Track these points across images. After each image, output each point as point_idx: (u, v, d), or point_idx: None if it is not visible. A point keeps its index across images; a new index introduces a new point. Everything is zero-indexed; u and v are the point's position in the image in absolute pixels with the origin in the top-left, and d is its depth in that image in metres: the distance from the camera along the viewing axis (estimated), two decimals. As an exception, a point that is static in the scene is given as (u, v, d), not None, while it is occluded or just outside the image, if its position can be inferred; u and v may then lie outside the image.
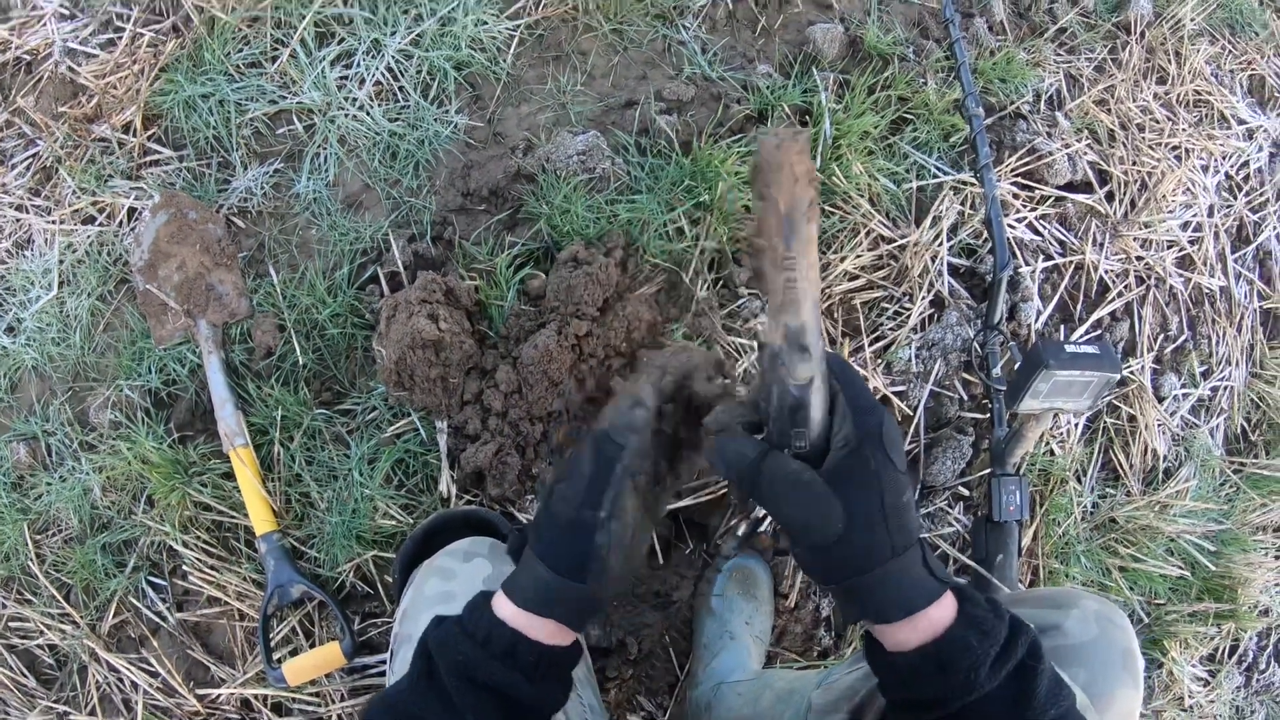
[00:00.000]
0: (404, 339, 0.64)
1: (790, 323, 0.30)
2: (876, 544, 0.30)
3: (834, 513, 0.30)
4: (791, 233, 0.29)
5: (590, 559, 0.32)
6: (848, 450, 0.30)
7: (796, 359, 0.30)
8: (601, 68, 0.80)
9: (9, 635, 0.75)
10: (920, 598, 0.30)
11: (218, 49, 0.79)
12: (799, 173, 0.28)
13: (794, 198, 0.28)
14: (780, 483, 0.30)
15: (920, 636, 0.30)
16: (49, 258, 0.80)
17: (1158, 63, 1.01)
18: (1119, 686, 0.41)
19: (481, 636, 0.32)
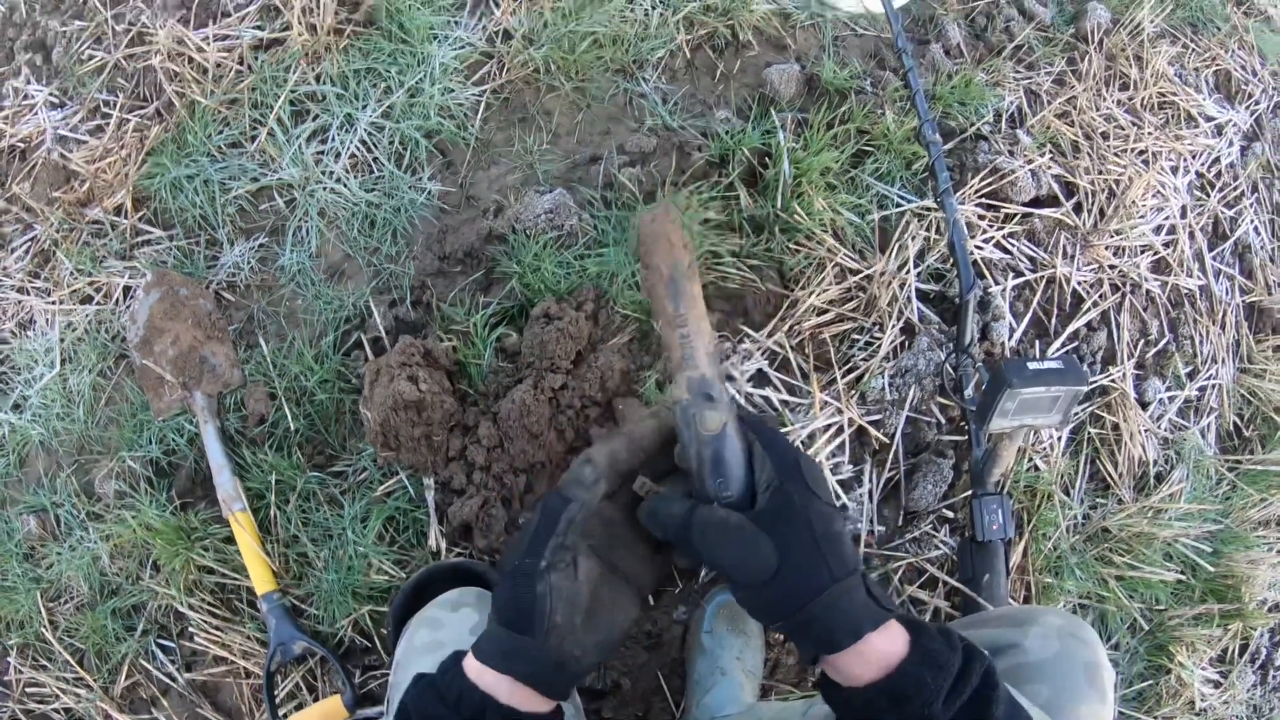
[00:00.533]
0: (386, 401, 0.67)
1: (691, 375, 0.32)
2: (813, 574, 0.30)
3: (765, 550, 0.31)
4: (677, 293, 0.32)
5: (532, 611, 0.32)
6: (771, 490, 0.32)
7: (704, 409, 0.32)
8: (566, 126, 0.83)
9: (26, 700, 0.78)
10: (866, 621, 0.30)
11: (200, 131, 0.83)
12: (674, 240, 0.32)
13: (674, 262, 0.32)
14: (710, 530, 0.32)
15: (873, 671, 0.30)
16: (50, 337, 0.84)
17: (1119, 69, 1.02)
18: (1082, 702, 0.41)
19: (453, 698, 0.32)
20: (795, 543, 0.31)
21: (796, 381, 0.76)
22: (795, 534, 0.31)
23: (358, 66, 0.82)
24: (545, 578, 0.32)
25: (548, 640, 0.32)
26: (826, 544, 0.31)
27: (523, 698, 0.32)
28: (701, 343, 0.32)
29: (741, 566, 0.31)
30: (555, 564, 0.32)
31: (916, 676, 0.30)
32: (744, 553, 0.31)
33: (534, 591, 0.32)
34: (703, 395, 0.32)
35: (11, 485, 0.82)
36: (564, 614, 0.32)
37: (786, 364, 0.77)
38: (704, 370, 0.32)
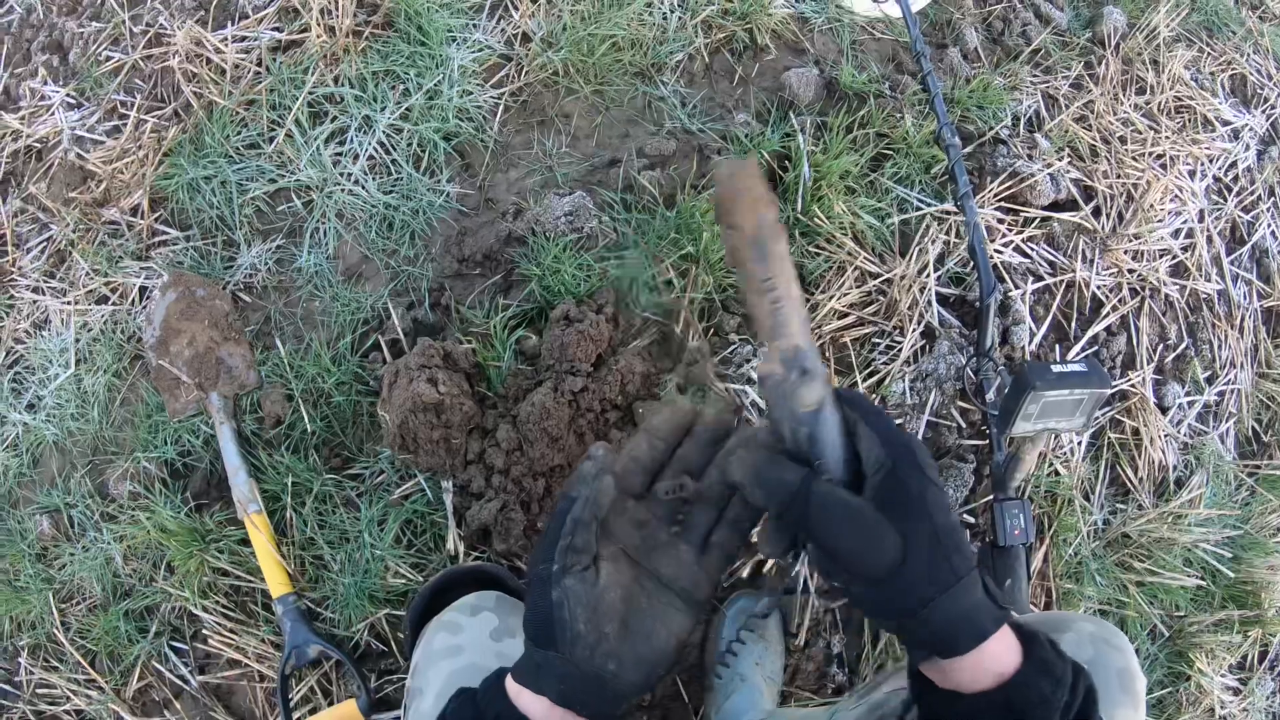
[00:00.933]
0: (405, 404, 0.66)
1: (783, 345, 0.28)
2: (937, 568, 0.27)
3: (889, 540, 0.27)
4: (764, 254, 0.28)
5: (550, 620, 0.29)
6: (884, 474, 0.28)
7: (799, 383, 0.28)
8: (585, 129, 0.82)
9: (37, 701, 0.77)
10: (989, 622, 0.28)
11: (217, 132, 0.83)
12: (757, 195, 0.28)
13: (758, 219, 0.28)
14: (831, 509, 0.28)
15: (988, 680, 0.28)
16: (65, 337, 0.83)
17: (1135, 73, 1.02)
18: (1117, 708, 0.41)
19: (491, 716, 0.30)
20: (918, 533, 0.27)
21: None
22: (916, 524, 0.27)
23: (376, 68, 0.82)
24: (559, 583, 0.30)
25: (574, 653, 0.29)
26: (947, 535, 0.27)
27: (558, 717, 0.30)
28: (794, 308, 0.28)
29: (862, 556, 0.28)
30: (568, 568, 0.30)
31: (1036, 688, 0.28)
32: (866, 541, 0.27)
33: (549, 599, 0.30)
34: (798, 368, 0.28)
35: (25, 485, 0.82)
36: (587, 622, 0.30)
37: (807, 368, 0.76)
38: (798, 340, 0.28)
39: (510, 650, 0.44)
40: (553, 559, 0.30)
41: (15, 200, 0.92)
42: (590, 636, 0.30)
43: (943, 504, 0.29)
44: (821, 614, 0.74)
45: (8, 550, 0.80)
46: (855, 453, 0.29)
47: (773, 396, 0.29)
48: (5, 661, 0.80)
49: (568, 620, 0.30)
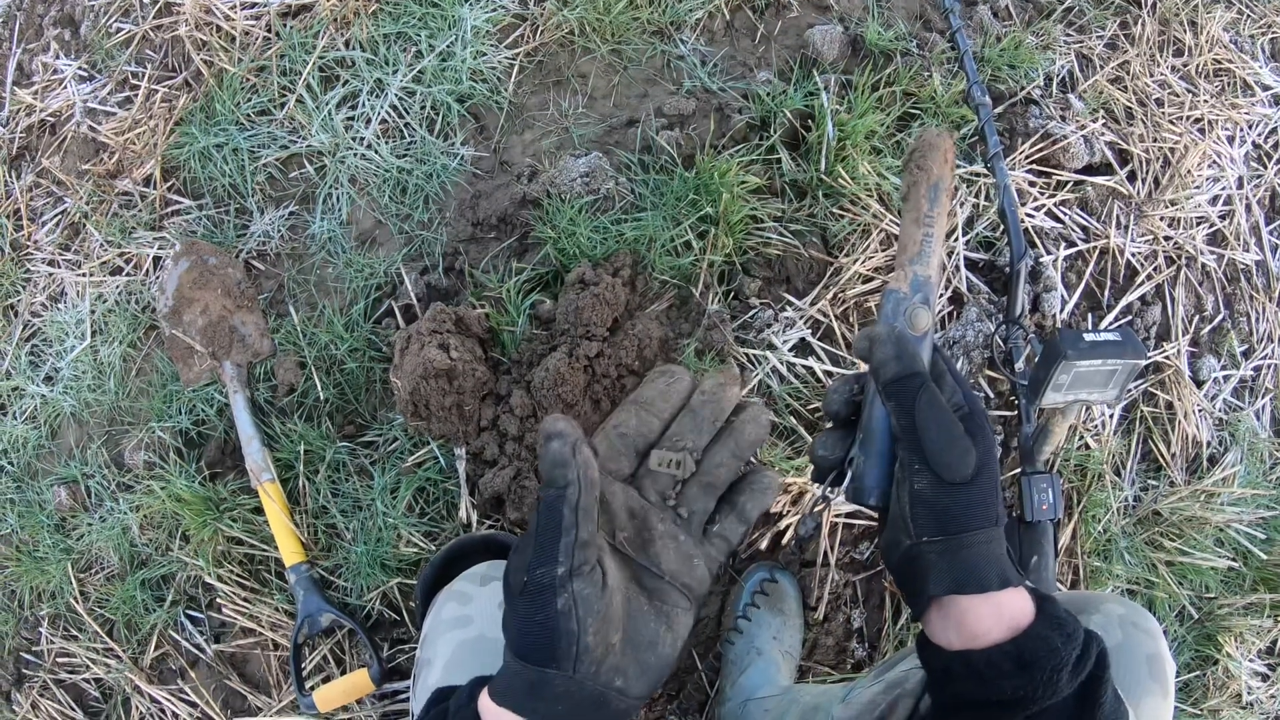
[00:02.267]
0: (417, 370, 0.65)
1: (919, 272, 0.33)
2: (991, 503, 0.30)
3: (972, 456, 0.30)
4: (936, 198, 0.34)
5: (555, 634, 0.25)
6: (963, 414, 0.31)
7: (920, 308, 0.32)
8: (602, 89, 0.80)
9: (57, 670, 0.78)
10: (1013, 575, 0.29)
11: (228, 99, 0.82)
12: (949, 157, 0.34)
13: (943, 172, 0.34)
14: (937, 409, 0.30)
15: (1001, 630, 0.28)
16: (81, 309, 0.84)
17: (1173, 34, 0.97)
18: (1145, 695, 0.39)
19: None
20: (988, 466, 0.30)
21: (840, 352, 0.74)
22: (987, 460, 0.30)
23: (387, 31, 0.81)
24: (567, 588, 0.25)
25: (578, 669, 0.25)
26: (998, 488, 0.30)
27: None
28: (938, 248, 0.33)
29: (946, 456, 0.30)
30: (577, 569, 0.25)
31: (1047, 641, 0.28)
32: (955, 446, 0.30)
33: (554, 608, 0.25)
34: (922, 294, 0.33)
35: (43, 457, 0.82)
36: (597, 633, 0.25)
37: (830, 333, 0.74)
38: (932, 273, 0.33)
39: None
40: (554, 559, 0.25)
41: (29, 174, 0.92)
42: (598, 650, 0.26)
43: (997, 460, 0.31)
44: (842, 587, 0.72)
45: (27, 521, 0.80)
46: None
47: (893, 311, 0.33)
48: (26, 631, 0.81)
49: (575, 632, 0.25)
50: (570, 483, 0.26)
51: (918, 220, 0.34)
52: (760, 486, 0.31)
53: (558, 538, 0.26)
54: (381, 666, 0.68)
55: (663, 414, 0.30)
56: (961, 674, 0.29)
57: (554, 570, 0.26)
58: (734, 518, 0.30)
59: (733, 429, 0.30)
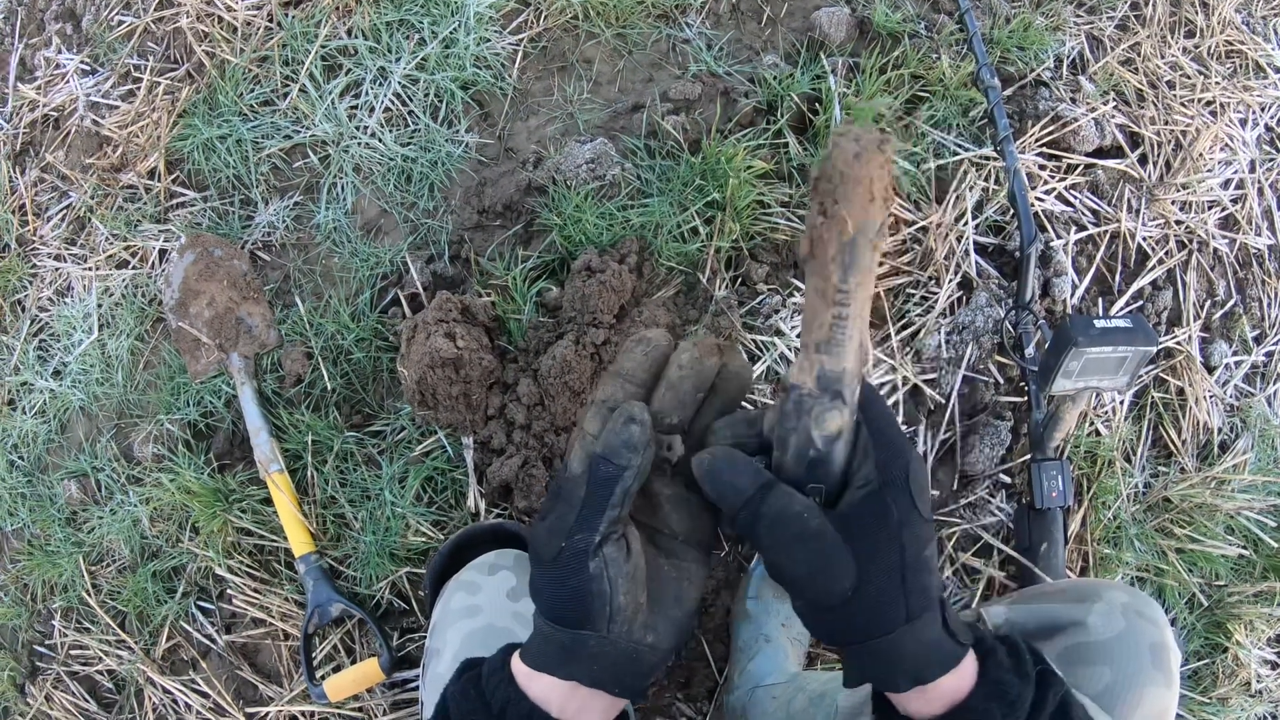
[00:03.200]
0: (423, 359, 0.65)
1: (829, 367, 0.25)
2: (888, 607, 0.26)
3: (842, 569, 0.26)
4: (852, 262, 0.23)
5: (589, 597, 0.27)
6: (867, 493, 0.26)
7: (827, 409, 0.25)
8: (607, 74, 0.80)
9: (70, 662, 0.79)
10: (934, 666, 0.26)
11: (231, 91, 0.82)
12: (877, 190, 0.22)
13: (865, 220, 0.23)
14: (783, 527, 0.26)
15: (937, 707, 0.27)
16: (88, 303, 0.84)
17: (1184, 15, 0.96)
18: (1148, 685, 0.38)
19: (498, 708, 0.27)
20: (879, 566, 0.26)
21: (849, 337, 0.73)
22: (882, 555, 0.26)
23: (390, 18, 0.80)
24: (600, 554, 0.27)
25: (612, 629, 0.27)
26: (913, 573, 0.26)
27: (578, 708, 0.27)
28: (857, 330, 0.24)
29: (810, 582, 0.26)
30: (609, 535, 0.27)
31: (986, 714, 0.26)
32: (817, 567, 0.26)
33: (587, 573, 0.27)
34: (832, 393, 0.25)
35: (53, 451, 0.83)
36: (628, 593, 0.27)
37: (838, 319, 0.73)
38: (847, 364, 0.25)
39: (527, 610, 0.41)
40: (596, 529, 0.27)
41: (34, 170, 0.92)
42: (629, 609, 0.27)
43: (922, 537, 0.26)
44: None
45: (38, 515, 0.81)
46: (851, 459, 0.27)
47: (793, 409, 0.26)
48: (40, 624, 0.82)
49: (609, 593, 0.27)
50: (631, 467, 0.27)
51: (825, 294, 0.24)
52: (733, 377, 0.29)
53: (602, 510, 0.27)
54: (391, 655, 0.68)
55: (645, 384, 0.29)
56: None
57: (591, 537, 0.27)
58: None
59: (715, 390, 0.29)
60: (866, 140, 0.22)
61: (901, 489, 0.26)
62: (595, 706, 0.28)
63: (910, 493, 0.26)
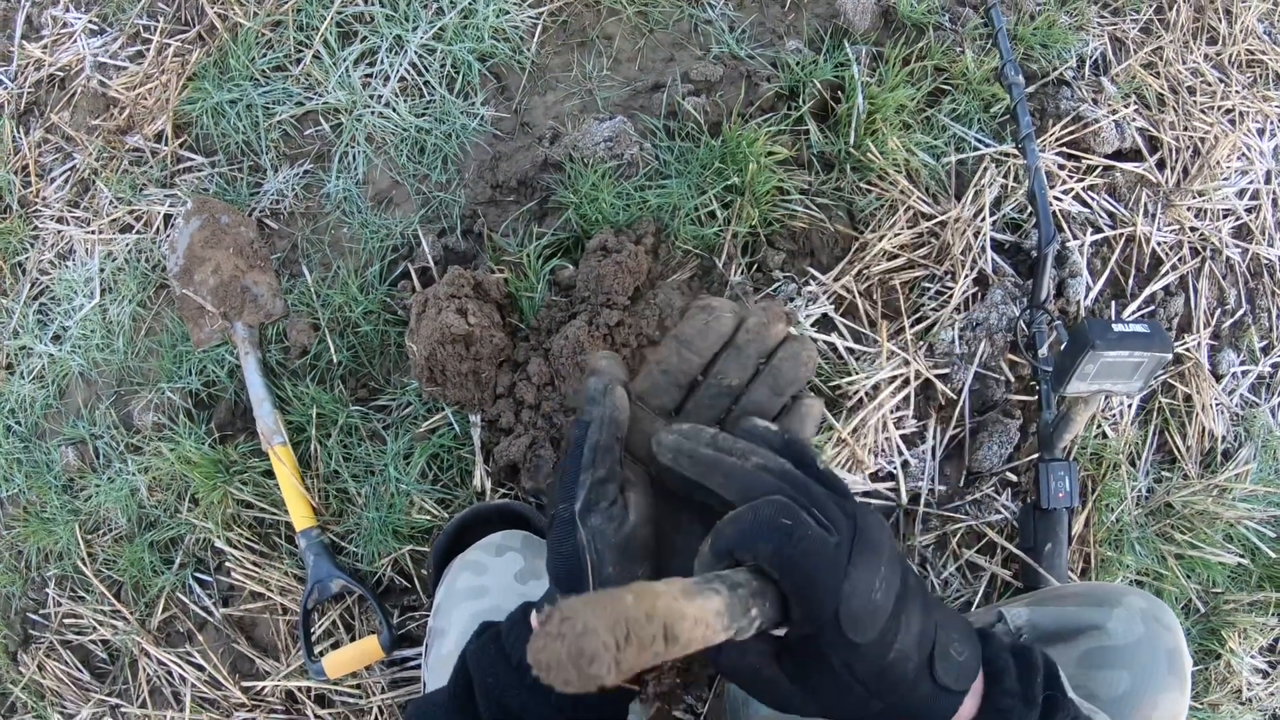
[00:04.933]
0: (433, 335, 0.64)
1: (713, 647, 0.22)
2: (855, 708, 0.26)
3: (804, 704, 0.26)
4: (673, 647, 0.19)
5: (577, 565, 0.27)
6: (802, 637, 0.25)
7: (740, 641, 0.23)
8: (627, 51, 0.78)
9: (64, 632, 0.78)
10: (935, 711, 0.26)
11: (242, 54, 0.80)
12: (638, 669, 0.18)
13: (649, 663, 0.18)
14: (741, 676, 0.26)
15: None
16: (90, 267, 0.82)
17: (1207, 22, 0.95)
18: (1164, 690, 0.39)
19: (517, 659, 0.28)
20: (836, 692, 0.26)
21: (863, 329, 0.73)
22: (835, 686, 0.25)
23: (407, -13, 0.79)
24: (585, 523, 0.27)
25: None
26: (874, 681, 0.25)
27: None
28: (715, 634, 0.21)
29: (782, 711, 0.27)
30: (593, 504, 0.27)
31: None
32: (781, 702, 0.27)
33: (574, 541, 0.27)
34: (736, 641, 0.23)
35: (51, 417, 0.81)
36: (618, 564, 0.27)
37: (854, 309, 0.73)
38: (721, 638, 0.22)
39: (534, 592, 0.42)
40: (574, 496, 0.27)
41: (38, 130, 0.91)
42: (619, 580, 0.28)
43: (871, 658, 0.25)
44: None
45: (35, 482, 0.80)
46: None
47: None
48: (34, 592, 0.81)
49: (595, 564, 0.27)
50: (592, 420, 0.28)
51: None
52: (801, 415, 0.29)
53: (578, 474, 0.28)
54: (391, 634, 0.68)
55: (703, 351, 0.29)
56: None
57: (573, 506, 0.27)
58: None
59: (772, 366, 0.29)
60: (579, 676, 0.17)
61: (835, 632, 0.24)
62: None
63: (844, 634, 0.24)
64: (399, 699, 0.70)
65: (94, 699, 0.76)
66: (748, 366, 0.29)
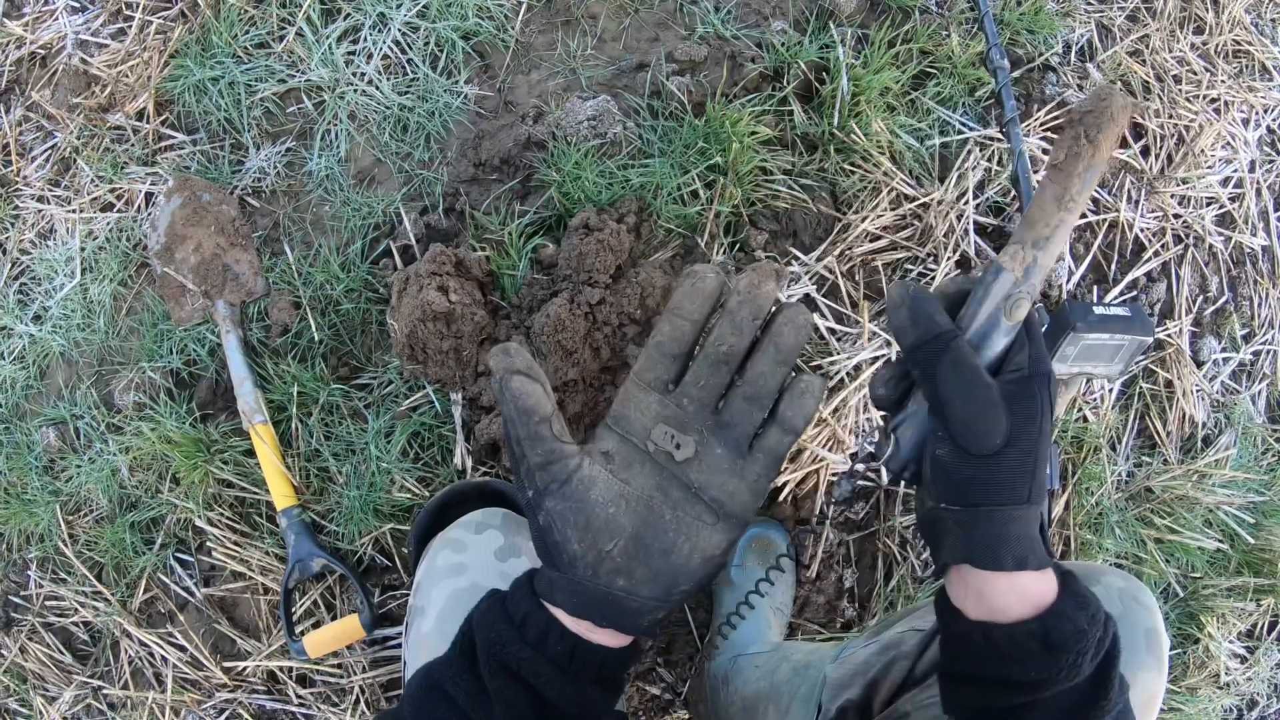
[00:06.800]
0: (414, 312, 0.64)
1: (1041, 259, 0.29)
2: (1020, 479, 0.28)
3: (1000, 425, 0.27)
4: (1090, 179, 0.29)
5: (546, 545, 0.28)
6: (1020, 378, 0.28)
7: (1021, 298, 0.29)
8: (612, 30, 0.78)
9: (45, 614, 0.77)
10: (1034, 558, 0.28)
11: (225, 31, 0.79)
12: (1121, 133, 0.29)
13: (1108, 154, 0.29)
14: (962, 373, 0.28)
15: (1025, 608, 0.27)
16: (71, 246, 0.81)
17: (1194, 11, 0.96)
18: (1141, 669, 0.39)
19: (519, 618, 0.29)
20: (1023, 437, 0.28)
21: (845, 309, 0.73)
22: (1027, 430, 0.28)
23: (391, -35, 0.78)
24: (541, 507, 0.28)
25: (575, 572, 0.28)
26: (1039, 462, 0.28)
27: (584, 628, 0.28)
28: (1067, 235, 0.30)
29: (968, 426, 0.28)
30: (545, 489, 0.28)
31: (1074, 621, 0.27)
32: (980, 414, 0.28)
33: (538, 524, 0.28)
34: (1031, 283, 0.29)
35: (32, 397, 0.81)
36: (580, 542, 0.28)
37: (836, 290, 0.73)
38: (1050, 262, 0.29)
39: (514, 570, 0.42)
40: (524, 487, 0.28)
41: (19, 109, 0.89)
42: (588, 556, 0.28)
43: (1047, 434, 0.28)
44: (835, 546, 0.73)
45: (15, 463, 0.79)
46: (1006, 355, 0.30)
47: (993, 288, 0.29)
48: (15, 574, 0.80)
49: (560, 543, 0.28)
50: (507, 419, 0.28)
51: (1060, 200, 0.29)
52: (800, 391, 0.29)
53: (518, 469, 0.29)
54: (373, 612, 0.68)
55: (692, 316, 0.29)
56: (980, 647, 0.28)
57: (527, 494, 0.29)
58: (777, 429, 0.29)
59: (771, 335, 0.29)
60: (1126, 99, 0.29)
61: (1044, 383, 0.28)
62: (598, 630, 0.29)
63: (1051, 390, 0.28)
64: (380, 678, 0.70)
65: (76, 681, 0.75)
66: (743, 330, 0.29)
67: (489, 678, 0.28)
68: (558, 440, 0.28)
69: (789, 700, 0.53)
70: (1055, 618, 0.27)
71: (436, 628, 0.40)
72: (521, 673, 0.28)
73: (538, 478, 0.28)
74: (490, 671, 0.28)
